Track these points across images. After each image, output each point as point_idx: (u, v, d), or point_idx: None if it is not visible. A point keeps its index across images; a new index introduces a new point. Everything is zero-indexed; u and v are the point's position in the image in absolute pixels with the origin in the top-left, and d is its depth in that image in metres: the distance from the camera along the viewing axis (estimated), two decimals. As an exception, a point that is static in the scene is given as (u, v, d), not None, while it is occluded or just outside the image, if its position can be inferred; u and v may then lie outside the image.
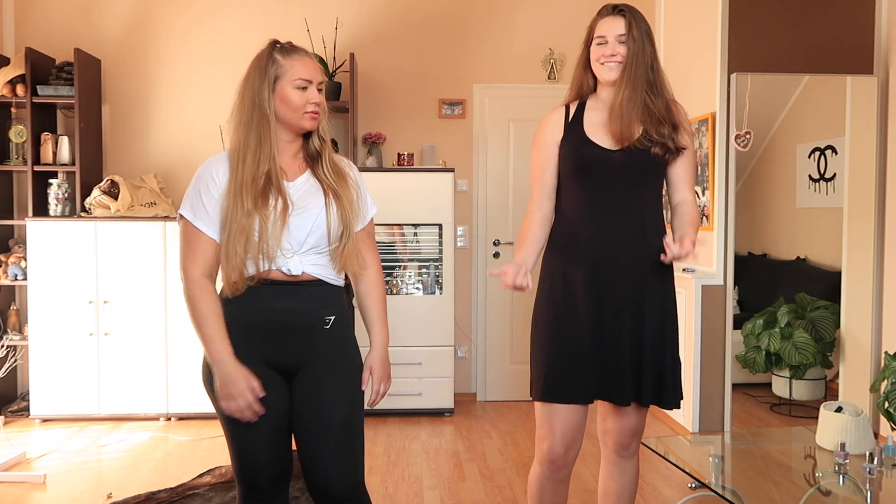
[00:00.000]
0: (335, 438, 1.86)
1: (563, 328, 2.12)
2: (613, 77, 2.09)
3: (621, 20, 2.08)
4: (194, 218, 1.81)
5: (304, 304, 1.86)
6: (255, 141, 1.80)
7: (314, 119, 1.85)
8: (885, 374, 3.35)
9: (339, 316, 1.91)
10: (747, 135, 3.92)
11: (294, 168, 1.90)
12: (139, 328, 4.41)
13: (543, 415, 2.17)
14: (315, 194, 1.87)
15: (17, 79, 4.52)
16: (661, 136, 2.07)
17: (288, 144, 1.89)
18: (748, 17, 3.99)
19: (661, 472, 3.50)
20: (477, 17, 5.07)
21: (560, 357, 2.12)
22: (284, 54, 1.83)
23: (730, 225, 4.03)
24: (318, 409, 1.86)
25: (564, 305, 2.13)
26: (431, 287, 4.69)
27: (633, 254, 2.11)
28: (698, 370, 4.06)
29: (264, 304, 1.83)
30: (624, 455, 2.28)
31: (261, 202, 1.77)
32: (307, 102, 1.82)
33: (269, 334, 1.84)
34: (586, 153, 2.10)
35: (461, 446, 4.03)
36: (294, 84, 1.81)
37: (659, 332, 2.13)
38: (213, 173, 1.83)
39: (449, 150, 5.04)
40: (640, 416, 2.23)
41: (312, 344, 1.87)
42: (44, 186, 4.62)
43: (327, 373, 1.88)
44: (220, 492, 3.24)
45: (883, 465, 2.42)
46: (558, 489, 2.25)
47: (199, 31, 4.94)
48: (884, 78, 3.89)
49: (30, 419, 4.44)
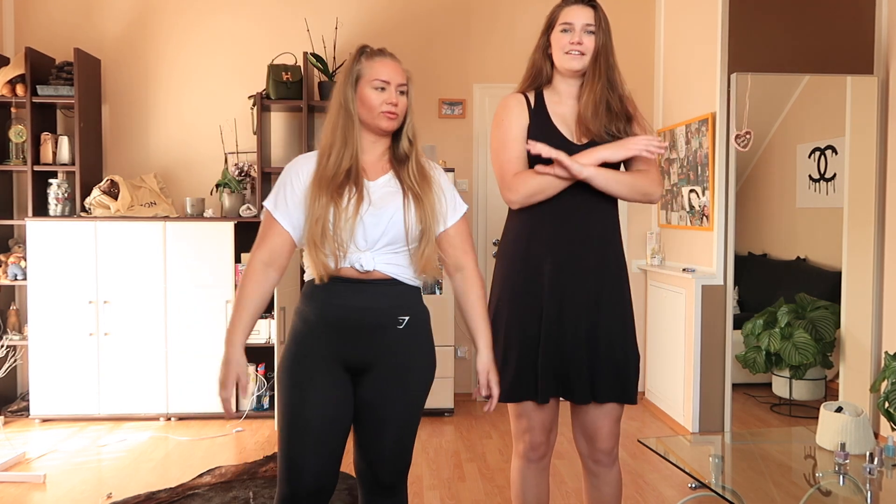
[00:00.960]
0: (391, 438, 1.93)
1: (524, 326, 2.10)
2: (577, 66, 2.05)
3: (591, 11, 2.05)
4: (274, 208, 1.90)
5: (378, 303, 1.89)
6: (340, 140, 1.88)
7: (390, 119, 1.89)
8: (885, 374, 3.35)
9: (413, 316, 1.93)
10: (747, 135, 3.92)
11: (378, 168, 1.94)
12: (139, 328, 4.41)
13: (518, 412, 2.18)
14: (394, 194, 1.90)
15: (17, 79, 4.52)
16: (618, 130, 2.07)
17: (372, 144, 1.94)
18: (748, 17, 3.99)
19: (661, 472, 3.50)
20: (477, 17, 5.07)
21: (517, 358, 2.10)
22: (367, 57, 1.92)
23: (730, 225, 4.03)
24: (381, 409, 1.91)
25: (525, 303, 2.11)
26: (431, 287, 4.69)
27: (595, 249, 2.10)
28: (698, 370, 4.06)
29: (338, 300, 1.87)
30: (605, 463, 2.21)
31: (336, 195, 1.84)
32: (383, 102, 1.88)
33: (343, 331, 1.88)
34: (555, 144, 2.05)
35: (461, 446, 4.03)
36: (372, 85, 1.88)
37: (618, 328, 2.11)
38: (299, 170, 1.92)
39: (449, 150, 5.04)
40: (614, 420, 2.17)
41: (385, 343, 1.90)
42: (44, 186, 4.62)
43: (396, 373, 1.91)
44: (220, 492, 3.24)
45: (883, 465, 2.42)
46: (540, 480, 2.24)
47: (200, 31, 4.94)
48: (884, 78, 3.89)
49: (30, 419, 4.44)
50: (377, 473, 1.95)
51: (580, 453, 2.27)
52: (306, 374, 1.88)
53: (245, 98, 4.83)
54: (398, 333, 1.90)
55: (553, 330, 2.09)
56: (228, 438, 4.12)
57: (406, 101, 1.93)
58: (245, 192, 4.74)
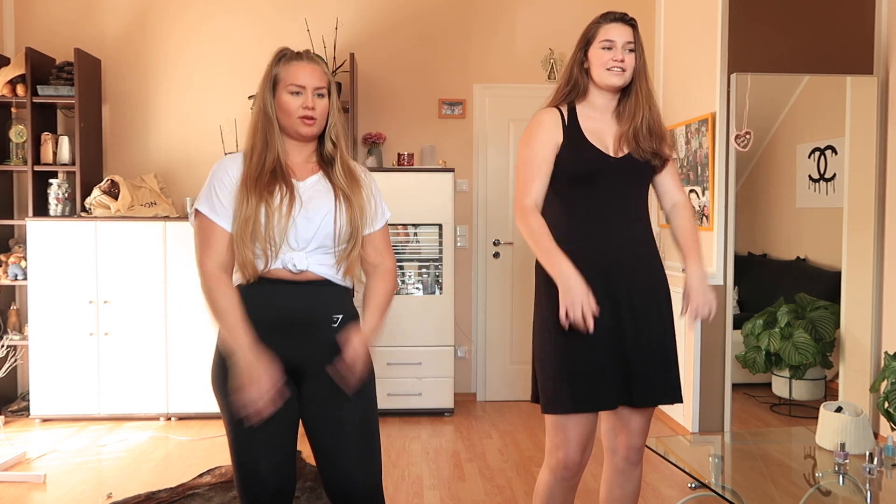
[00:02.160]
0: (352, 439, 1.86)
1: (578, 335, 2.06)
2: (619, 83, 2.10)
3: (630, 29, 2.10)
4: (210, 211, 1.86)
5: (311, 302, 1.87)
6: (261, 143, 1.87)
7: (307, 125, 1.87)
8: (885, 374, 3.35)
9: (346, 315, 1.92)
10: (747, 135, 3.92)
11: (306, 170, 1.93)
12: (139, 328, 4.41)
13: (558, 424, 2.14)
14: (325, 194, 1.90)
15: (17, 79, 4.52)
16: (653, 146, 2.13)
17: (297, 147, 1.93)
18: (748, 17, 3.99)
19: (661, 472, 3.50)
20: (477, 16, 5.07)
21: (580, 365, 2.08)
22: (285, 61, 1.89)
23: (730, 225, 4.03)
24: (334, 410, 1.86)
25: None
26: (431, 287, 4.69)
27: (638, 256, 2.15)
28: (698, 370, 4.06)
29: (272, 300, 1.85)
30: (633, 461, 2.26)
31: (267, 195, 1.82)
32: (299, 107, 1.85)
33: (277, 330, 1.85)
34: (592, 158, 2.11)
35: (461, 446, 4.03)
36: (288, 90, 1.86)
37: (661, 331, 2.16)
38: (227, 169, 1.89)
39: (449, 150, 5.04)
40: (647, 420, 2.23)
41: (321, 342, 1.87)
42: (44, 186, 4.62)
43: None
44: (220, 492, 3.25)
45: (883, 465, 2.42)
46: (567, 498, 2.24)
47: (200, 31, 4.94)
48: (884, 78, 3.89)
49: (30, 419, 4.44)
50: (348, 477, 1.86)
51: (608, 449, 2.29)
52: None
53: (245, 98, 4.83)
54: (332, 332, 1.88)
55: (611, 335, 2.10)
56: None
57: (326, 104, 1.90)
58: (245, 192, 4.73)
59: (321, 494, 3.19)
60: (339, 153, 1.93)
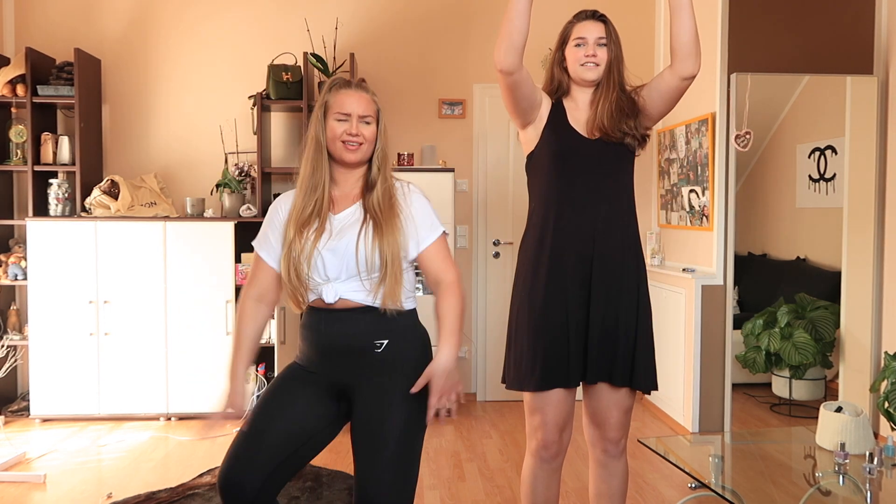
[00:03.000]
0: (386, 460, 1.86)
1: (550, 315, 2.15)
2: (593, 77, 2.19)
3: (601, 25, 2.20)
4: (259, 247, 2.02)
5: (353, 329, 1.93)
6: (309, 171, 1.96)
7: (350, 150, 1.93)
8: (885, 374, 3.35)
9: (393, 340, 1.93)
10: (747, 135, 3.92)
11: (348, 200, 1.99)
12: (139, 328, 4.41)
13: (534, 406, 2.21)
14: (354, 225, 1.93)
15: (17, 79, 4.52)
16: (630, 128, 2.18)
17: (344, 176, 1.99)
18: (748, 17, 4.00)
19: (661, 472, 3.50)
20: (477, 16, 5.07)
21: (552, 344, 2.15)
22: (336, 90, 1.97)
23: (730, 225, 4.03)
24: (372, 431, 1.89)
25: (549, 292, 2.17)
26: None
27: (614, 239, 2.19)
28: (698, 370, 4.06)
29: (320, 327, 1.96)
30: (613, 454, 2.29)
31: (301, 229, 1.92)
32: (343, 133, 1.92)
33: (328, 355, 1.96)
34: (568, 137, 2.19)
35: (461, 446, 4.04)
36: (335, 117, 1.94)
37: (634, 315, 2.19)
38: (280, 206, 2.02)
39: (449, 150, 5.04)
40: (625, 413, 2.25)
41: (365, 365, 1.94)
42: (44, 186, 4.62)
43: (378, 393, 1.91)
44: (220, 492, 3.25)
45: (883, 465, 2.42)
46: (551, 480, 2.27)
47: (200, 31, 4.94)
48: (884, 78, 3.89)
49: (30, 419, 4.44)
50: (375, 498, 1.84)
51: (589, 442, 2.34)
52: (284, 381, 1.99)
53: (245, 98, 4.83)
54: (377, 356, 1.93)
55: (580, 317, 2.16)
56: (228, 438, 4.12)
57: (373, 131, 1.96)
58: (245, 192, 4.74)
59: (321, 494, 3.19)
60: (381, 178, 1.97)
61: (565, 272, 2.16)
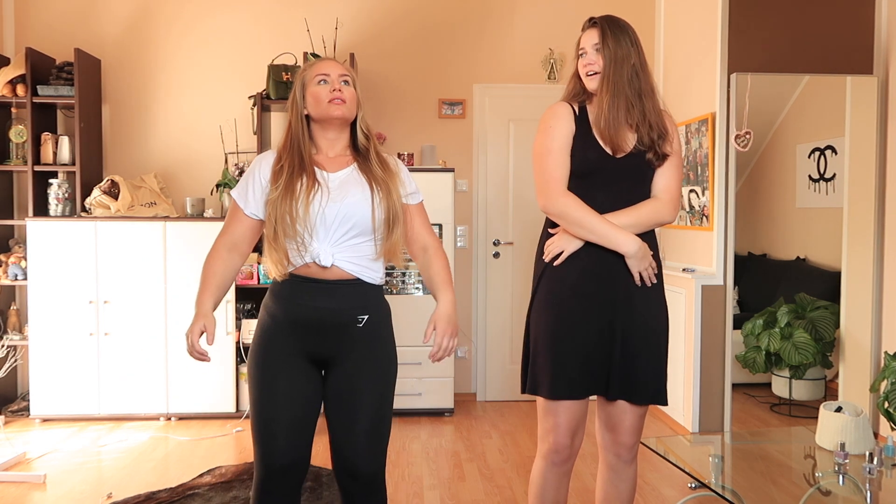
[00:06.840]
0: (364, 429, 1.98)
1: (568, 326, 2.14)
2: (594, 86, 2.16)
3: (595, 30, 2.16)
4: (237, 195, 2.04)
5: (340, 304, 1.97)
6: (291, 137, 2.03)
7: (338, 105, 1.98)
8: (884, 374, 3.35)
9: (373, 315, 2.03)
10: (747, 135, 3.92)
11: (340, 162, 2.04)
12: (139, 328, 4.41)
13: (548, 409, 2.19)
14: (356, 184, 1.99)
15: (17, 79, 4.52)
16: (651, 140, 2.14)
17: (331, 142, 2.05)
18: (748, 17, 4.00)
19: (661, 472, 3.50)
20: (477, 17, 5.07)
21: (569, 353, 2.13)
22: (308, 65, 2.07)
23: (730, 225, 4.03)
24: (350, 401, 1.99)
25: (570, 304, 2.15)
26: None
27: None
28: (698, 370, 4.06)
29: (303, 300, 1.97)
30: (626, 459, 2.28)
31: (292, 188, 1.94)
32: (327, 93, 1.98)
33: (307, 329, 1.98)
34: (592, 155, 2.14)
35: (461, 446, 4.04)
36: (314, 81, 2.01)
37: (652, 331, 2.18)
38: (261, 161, 2.05)
39: (449, 150, 5.04)
40: (639, 418, 2.24)
41: (346, 339, 1.99)
42: (44, 186, 4.62)
43: (360, 367, 2.00)
44: (220, 492, 3.25)
45: (883, 465, 2.42)
46: (560, 485, 2.26)
47: (200, 31, 4.94)
48: (884, 78, 3.89)
49: (30, 419, 4.44)
50: (354, 463, 1.98)
51: (601, 446, 2.33)
52: (274, 363, 1.98)
53: (245, 98, 4.83)
54: (358, 331, 2.00)
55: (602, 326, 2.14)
56: (228, 438, 4.12)
57: (352, 91, 2.02)
58: (245, 192, 4.74)
59: (321, 494, 3.19)
60: (371, 144, 2.06)
61: (587, 287, 2.14)
